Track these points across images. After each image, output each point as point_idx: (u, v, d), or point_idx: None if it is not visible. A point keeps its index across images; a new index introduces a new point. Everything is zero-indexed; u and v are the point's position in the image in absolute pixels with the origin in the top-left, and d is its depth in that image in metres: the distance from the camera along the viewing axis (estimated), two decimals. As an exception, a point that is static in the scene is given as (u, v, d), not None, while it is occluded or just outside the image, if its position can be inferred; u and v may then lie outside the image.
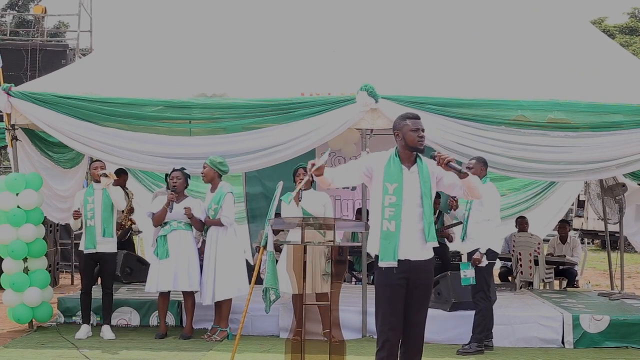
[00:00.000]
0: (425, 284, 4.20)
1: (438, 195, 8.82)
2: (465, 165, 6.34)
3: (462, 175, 4.12)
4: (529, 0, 8.25)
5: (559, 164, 6.90)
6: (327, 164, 4.19)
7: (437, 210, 8.84)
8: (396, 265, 4.08)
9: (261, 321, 6.91)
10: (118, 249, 8.13)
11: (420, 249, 4.14)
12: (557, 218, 11.36)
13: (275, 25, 7.79)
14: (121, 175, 8.57)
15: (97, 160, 6.97)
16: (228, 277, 6.57)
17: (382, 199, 4.11)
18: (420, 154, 4.22)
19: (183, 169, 6.82)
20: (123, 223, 8.52)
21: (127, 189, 8.80)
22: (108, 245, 6.76)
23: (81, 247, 6.76)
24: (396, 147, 4.23)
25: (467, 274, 6.16)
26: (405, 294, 4.14)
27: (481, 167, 6.31)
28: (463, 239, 6.38)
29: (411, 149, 4.15)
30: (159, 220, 6.77)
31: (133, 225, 9.00)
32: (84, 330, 6.72)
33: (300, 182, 6.36)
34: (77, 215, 6.70)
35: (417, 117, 4.20)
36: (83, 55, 14.72)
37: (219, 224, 6.63)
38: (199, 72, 7.22)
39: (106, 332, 6.71)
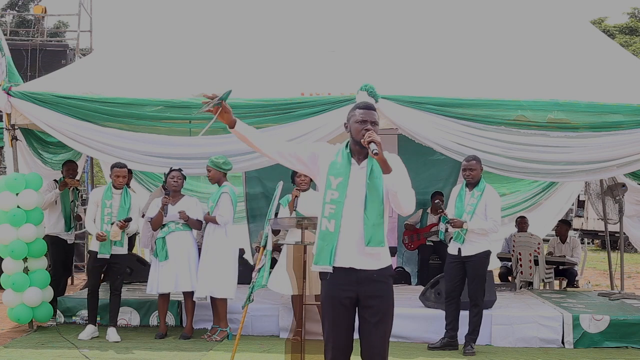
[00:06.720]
0: (379, 296, 3.53)
1: (440, 193, 8.74)
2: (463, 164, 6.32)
3: (384, 168, 3.46)
4: (529, 0, 8.26)
5: (559, 164, 6.90)
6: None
7: (438, 210, 8.54)
8: (331, 271, 3.51)
9: (261, 321, 6.91)
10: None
11: (366, 256, 3.50)
12: (557, 218, 11.36)
13: (275, 25, 7.79)
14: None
15: (117, 167, 6.68)
16: (210, 276, 6.54)
17: (325, 194, 3.56)
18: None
19: (181, 169, 6.82)
20: None
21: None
22: (120, 248, 6.70)
23: (94, 248, 6.63)
24: (348, 140, 3.69)
25: (441, 227, 6.45)
26: (356, 311, 3.57)
27: (480, 166, 6.31)
28: (462, 241, 6.26)
29: (356, 143, 3.58)
30: (156, 224, 6.78)
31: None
32: (89, 331, 6.63)
33: (296, 191, 6.45)
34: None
35: (369, 108, 3.62)
36: (83, 55, 14.73)
37: (214, 221, 6.63)
38: (199, 72, 7.21)
39: (111, 334, 6.60)
